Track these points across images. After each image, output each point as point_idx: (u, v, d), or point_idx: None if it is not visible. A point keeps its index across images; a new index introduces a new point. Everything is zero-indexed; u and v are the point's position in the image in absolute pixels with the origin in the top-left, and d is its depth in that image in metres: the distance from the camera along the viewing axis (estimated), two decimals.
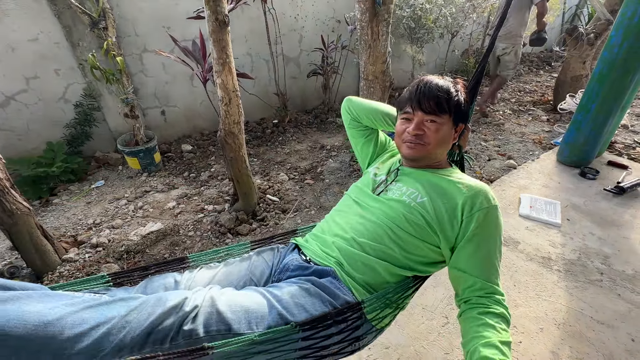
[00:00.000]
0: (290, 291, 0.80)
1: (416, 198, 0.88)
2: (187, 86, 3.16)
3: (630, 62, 2.23)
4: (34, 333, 0.57)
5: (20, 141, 2.64)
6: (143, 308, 0.66)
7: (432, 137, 0.88)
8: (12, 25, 2.35)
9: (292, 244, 1.02)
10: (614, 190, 2.37)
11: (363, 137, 1.16)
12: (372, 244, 0.86)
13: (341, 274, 0.85)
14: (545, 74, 5.44)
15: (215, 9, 1.60)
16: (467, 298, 0.80)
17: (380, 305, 0.83)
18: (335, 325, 0.77)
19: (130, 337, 0.62)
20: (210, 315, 0.70)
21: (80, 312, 0.62)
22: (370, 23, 2.16)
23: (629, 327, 1.48)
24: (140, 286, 0.84)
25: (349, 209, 0.98)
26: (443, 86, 0.88)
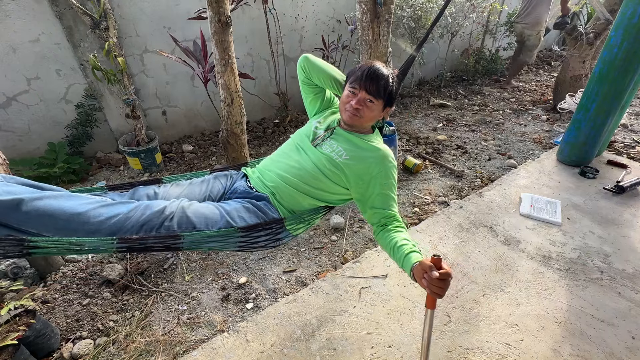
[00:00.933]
0: (236, 207, 1.14)
1: (342, 155, 1.17)
2: (188, 86, 3.17)
3: (629, 62, 2.24)
4: (72, 218, 0.91)
5: (22, 142, 2.64)
6: (137, 210, 0.99)
7: (367, 113, 1.15)
8: (13, 26, 2.35)
9: (242, 173, 1.34)
10: (614, 189, 2.38)
11: (312, 93, 1.37)
12: (300, 182, 1.18)
13: (273, 200, 1.19)
14: (545, 73, 5.45)
15: (218, 10, 1.61)
16: (381, 223, 1.12)
17: (296, 221, 1.19)
18: (264, 231, 1.12)
19: (131, 225, 0.97)
20: (182, 218, 1.03)
21: (98, 209, 0.95)
22: (371, 23, 2.17)
23: (630, 325, 1.50)
24: (130, 192, 1.16)
25: (290, 152, 1.27)
26: (385, 75, 1.13)
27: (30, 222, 0.88)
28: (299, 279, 1.85)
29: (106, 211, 0.96)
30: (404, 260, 0.98)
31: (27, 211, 0.86)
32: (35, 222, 0.88)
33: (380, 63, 1.16)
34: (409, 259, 0.96)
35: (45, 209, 0.88)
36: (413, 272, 0.93)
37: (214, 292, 1.79)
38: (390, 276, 1.78)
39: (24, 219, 0.87)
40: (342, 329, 1.53)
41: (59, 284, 1.84)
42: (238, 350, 1.45)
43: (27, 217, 0.87)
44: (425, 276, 0.86)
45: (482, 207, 2.29)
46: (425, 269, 0.86)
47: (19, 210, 0.86)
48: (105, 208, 0.96)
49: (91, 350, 1.50)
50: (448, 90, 4.62)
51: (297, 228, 1.21)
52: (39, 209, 0.88)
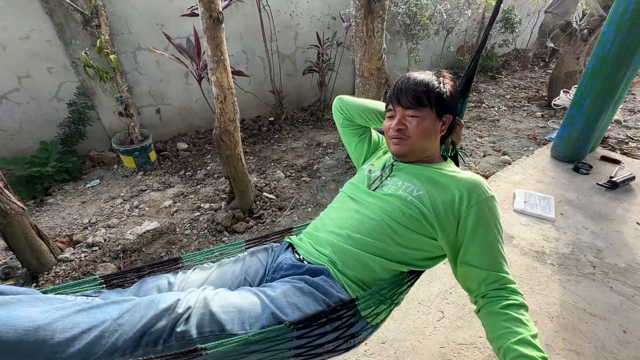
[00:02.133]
0: (284, 290, 0.80)
1: (412, 192, 0.87)
2: (182, 84, 3.14)
3: (622, 58, 2.24)
4: (25, 338, 0.57)
5: (13, 141, 2.61)
6: (135, 310, 0.66)
7: (414, 131, 0.89)
8: (2, 23, 2.32)
9: (286, 243, 1.02)
10: (607, 184, 2.40)
11: (356, 135, 1.16)
12: (367, 239, 0.85)
13: (334, 272, 0.85)
14: (540, 70, 5.47)
15: (209, 6, 1.59)
16: (483, 293, 0.79)
17: (374, 301, 0.83)
18: (330, 323, 0.77)
19: (123, 339, 0.62)
20: (203, 316, 0.70)
21: (72, 316, 0.62)
22: (365, 20, 2.16)
23: (621, 319, 1.51)
24: (134, 288, 0.83)
25: (343, 205, 0.98)
26: (421, 80, 0.89)
27: None
28: None
29: (85, 319, 0.62)
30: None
31: None
32: None
33: (419, 71, 0.94)
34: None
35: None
36: None
37: None
38: None
39: None
40: None
41: (51, 284, 1.82)
42: None
43: None
44: None
45: None
46: None
47: None
48: (84, 314, 0.63)
49: None
50: None
51: (377, 312, 0.85)
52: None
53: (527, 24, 5.70)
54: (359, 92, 2.48)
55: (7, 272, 1.85)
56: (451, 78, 0.95)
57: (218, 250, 1.02)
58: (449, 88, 0.91)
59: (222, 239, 2.10)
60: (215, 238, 2.10)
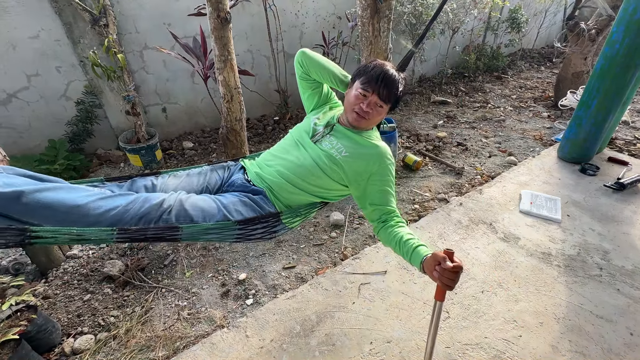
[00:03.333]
0: (233, 201, 1.15)
1: (341, 152, 1.17)
2: (188, 83, 3.16)
3: (631, 58, 2.22)
4: (71, 210, 0.91)
5: (22, 139, 2.65)
6: (136, 202, 1.00)
7: (374, 117, 1.16)
8: (12, 23, 2.35)
9: (240, 165, 1.34)
10: (614, 186, 2.38)
11: (310, 88, 1.35)
12: (298, 180, 1.18)
13: (270, 195, 1.19)
14: (547, 70, 5.43)
15: (217, 6, 1.61)
16: (382, 219, 1.13)
17: (292, 215, 1.20)
18: (260, 224, 1.13)
19: (130, 217, 0.98)
20: (179, 211, 1.04)
21: (97, 201, 0.96)
22: (371, 19, 2.16)
23: (628, 322, 1.50)
24: (127, 184, 1.16)
25: (289, 148, 1.26)
26: (397, 80, 1.14)
27: (31, 214, 0.89)
28: (299, 275, 1.85)
29: (105, 204, 0.96)
30: (412, 254, 0.98)
31: (28, 203, 0.87)
32: (36, 213, 0.89)
33: (389, 64, 1.16)
34: (418, 252, 0.97)
35: (45, 201, 0.89)
36: (423, 265, 0.94)
37: (214, 288, 1.80)
38: (390, 272, 1.78)
39: (24, 211, 0.88)
40: (341, 324, 1.53)
41: (60, 280, 1.85)
42: (238, 345, 1.46)
43: (28, 208, 0.88)
44: (438, 268, 0.87)
45: (482, 204, 2.29)
46: (439, 260, 0.87)
47: (19, 202, 0.87)
48: (104, 201, 0.97)
49: (92, 345, 1.51)
50: (449, 87, 4.60)
51: (293, 221, 1.23)
52: (39, 201, 0.88)
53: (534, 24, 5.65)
54: None
55: (17, 268, 1.87)
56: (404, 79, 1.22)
57: (187, 168, 1.33)
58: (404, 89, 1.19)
59: None
60: None
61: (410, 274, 1.77)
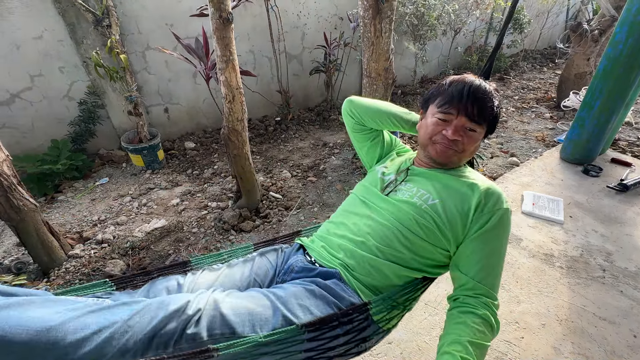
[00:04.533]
0: (295, 292, 0.79)
1: (427, 200, 0.85)
2: (190, 84, 3.17)
3: (634, 59, 2.21)
4: (37, 338, 0.57)
5: (25, 139, 2.66)
6: (146, 312, 0.66)
7: (468, 146, 0.85)
8: (16, 23, 2.37)
9: (297, 245, 1.00)
10: (617, 187, 2.36)
11: (369, 140, 1.09)
12: (381, 246, 0.84)
13: (347, 276, 0.84)
14: (549, 71, 5.41)
15: (219, 6, 1.61)
16: (456, 296, 0.79)
17: (387, 306, 0.81)
18: (341, 326, 0.76)
19: (133, 341, 0.62)
20: (214, 318, 0.69)
21: (83, 317, 0.62)
22: (373, 20, 2.16)
23: (631, 324, 1.49)
24: (143, 290, 0.83)
25: (356, 209, 0.95)
26: (490, 93, 0.84)
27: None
28: None
29: (96, 320, 0.62)
30: None
31: None
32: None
33: (471, 75, 0.88)
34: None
35: None
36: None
37: None
38: None
39: None
40: None
41: (61, 279, 1.85)
42: None
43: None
44: None
45: None
46: None
47: None
48: (95, 315, 0.63)
49: None
50: None
51: (389, 317, 0.84)
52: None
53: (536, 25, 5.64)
54: (366, 93, 2.48)
55: (19, 267, 1.88)
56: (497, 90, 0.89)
57: (227, 253, 1.01)
58: (499, 104, 0.86)
59: (229, 237, 2.11)
60: (222, 236, 2.12)
61: None
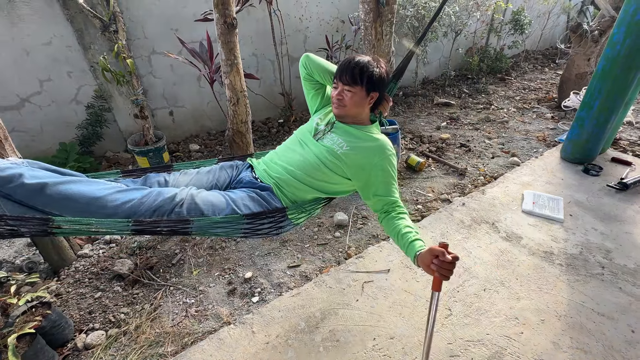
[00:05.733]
0: (241, 196, 1.21)
1: (342, 147, 1.23)
2: (194, 87, 3.23)
3: (632, 59, 2.24)
4: (92, 202, 0.98)
5: (34, 142, 2.72)
6: (150, 195, 1.06)
7: (348, 101, 1.21)
8: (26, 30, 2.43)
9: (247, 164, 1.42)
10: (617, 186, 2.38)
11: (313, 89, 1.44)
12: (303, 174, 1.24)
13: (277, 191, 1.25)
14: (550, 71, 5.43)
15: (224, 12, 1.66)
16: (385, 210, 1.19)
17: (298, 211, 1.25)
18: (267, 218, 1.18)
19: (144, 209, 1.04)
20: (191, 205, 1.10)
21: (115, 194, 1.02)
22: (374, 23, 2.20)
23: (629, 319, 1.51)
24: (142, 179, 1.23)
25: (293, 147, 1.33)
26: (358, 63, 1.17)
27: (54, 204, 0.95)
28: (303, 273, 1.89)
29: (122, 196, 1.02)
30: (408, 247, 1.04)
31: (51, 194, 0.94)
32: (58, 204, 0.95)
33: (363, 55, 1.22)
34: (413, 246, 1.03)
35: (67, 192, 0.96)
36: (417, 258, 0.99)
37: (220, 286, 1.84)
38: (393, 271, 1.81)
39: (48, 202, 0.95)
40: (345, 321, 1.57)
41: (71, 278, 1.90)
42: (244, 341, 1.49)
43: (51, 199, 0.94)
44: (435, 261, 0.92)
45: (485, 204, 2.31)
46: (437, 254, 0.92)
47: (43, 193, 0.93)
48: (120, 193, 1.03)
49: (103, 341, 1.56)
50: (452, 89, 4.62)
51: (299, 217, 1.27)
52: (62, 193, 0.95)
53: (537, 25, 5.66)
54: None
55: (30, 267, 1.93)
56: (384, 64, 1.25)
57: (198, 163, 1.43)
58: (377, 72, 1.20)
59: None
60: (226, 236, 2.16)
61: (413, 273, 1.80)
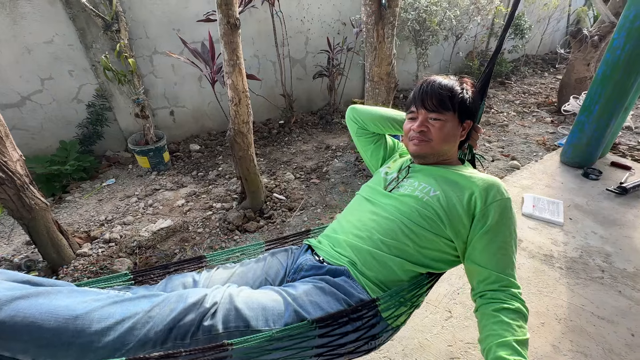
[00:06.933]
0: (305, 290, 0.82)
1: (429, 192, 0.89)
2: (195, 87, 3.23)
3: (632, 64, 2.25)
4: (65, 326, 0.61)
5: (35, 140, 2.72)
6: (165, 304, 0.69)
7: (436, 134, 0.91)
8: (28, 28, 2.43)
9: (305, 245, 1.03)
10: (617, 190, 2.39)
11: (372, 143, 1.17)
12: (386, 239, 0.86)
13: (355, 272, 0.86)
14: (550, 76, 5.46)
15: (227, 12, 1.66)
16: (482, 292, 0.80)
17: (394, 303, 0.84)
18: (351, 322, 0.78)
19: (154, 331, 0.65)
20: (229, 311, 0.72)
21: (107, 307, 0.66)
22: (376, 26, 2.21)
23: (629, 323, 1.51)
24: (161, 284, 0.87)
25: (360, 207, 1.00)
26: (446, 84, 0.91)
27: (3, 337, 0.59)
28: None
29: (119, 310, 0.66)
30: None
31: (4, 320, 0.59)
32: (10, 336, 0.59)
33: (441, 75, 0.96)
34: None
35: (27, 313, 0.60)
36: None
37: None
38: None
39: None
40: None
41: (70, 277, 1.89)
42: None
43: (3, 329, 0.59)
44: None
45: None
46: None
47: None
48: (118, 306, 0.67)
49: None
50: None
51: (398, 314, 0.86)
52: (18, 314, 0.60)
53: (537, 30, 5.69)
54: (369, 97, 2.52)
55: (28, 265, 1.93)
56: (472, 84, 0.97)
57: (239, 250, 1.06)
58: (470, 94, 0.93)
59: (233, 237, 2.15)
60: (226, 236, 2.16)
61: None
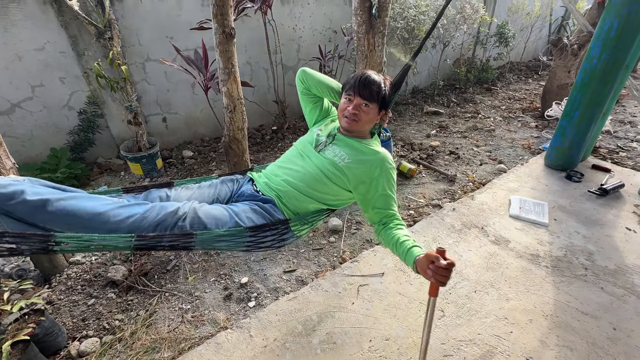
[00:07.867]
0: (244, 208, 1.21)
1: (344, 159, 1.25)
2: (188, 94, 3.25)
3: (608, 73, 2.38)
4: (93, 217, 0.97)
5: (25, 147, 2.69)
6: (153, 210, 1.06)
7: (364, 117, 1.24)
8: (19, 35, 2.42)
9: (248, 177, 1.42)
10: (598, 191, 2.50)
11: (311, 102, 1.46)
12: (304, 186, 1.24)
13: (279, 203, 1.25)
14: (534, 82, 5.65)
15: (223, 22, 1.71)
16: (383, 222, 1.21)
17: (301, 222, 1.26)
18: (270, 231, 1.18)
19: (147, 224, 1.03)
20: (194, 219, 1.10)
21: (117, 209, 1.01)
22: (366, 35, 2.29)
23: (611, 317, 1.59)
24: (143, 195, 1.24)
25: (294, 159, 1.35)
26: (377, 81, 1.22)
27: (56, 221, 0.94)
28: (299, 278, 1.91)
29: (124, 211, 1.02)
30: (407, 254, 1.05)
31: (53, 211, 0.93)
32: (60, 220, 0.94)
33: (373, 71, 1.26)
34: (411, 252, 1.04)
35: (69, 208, 0.94)
36: (416, 264, 1.00)
37: (216, 291, 1.84)
38: (387, 274, 1.86)
39: (49, 218, 0.93)
40: (341, 324, 1.59)
41: (63, 286, 1.88)
42: (242, 344, 1.50)
43: (53, 216, 0.93)
44: (431, 266, 0.92)
45: (474, 209, 2.39)
46: (432, 259, 0.92)
47: (45, 210, 0.92)
48: (123, 209, 1.03)
49: (98, 348, 1.55)
50: (441, 98, 4.77)
51: (302, 229, 1.28)
52: (63, 209, 0.94)
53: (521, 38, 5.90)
54: None
55: (20, 274, 1.90)
56: (390, 82, 1.32)
57: (199, 179, 1.42)
58: (388, 90, 1.27)
59: None
60: None
61: (407, 276, 1.85)
